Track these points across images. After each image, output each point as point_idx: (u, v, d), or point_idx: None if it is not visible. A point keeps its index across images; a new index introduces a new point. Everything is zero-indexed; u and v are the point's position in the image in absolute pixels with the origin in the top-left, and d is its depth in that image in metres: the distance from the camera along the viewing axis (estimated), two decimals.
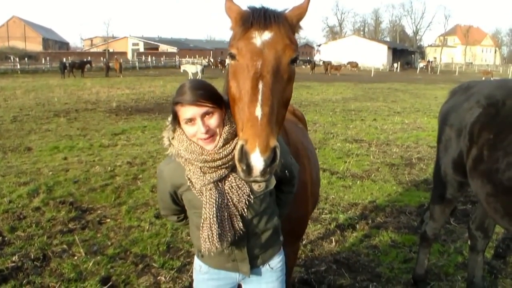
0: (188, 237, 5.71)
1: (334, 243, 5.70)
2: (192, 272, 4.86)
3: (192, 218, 2.42)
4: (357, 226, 6.25)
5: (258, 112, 1.89)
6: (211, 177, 2.17)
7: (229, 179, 2.21)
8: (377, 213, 6.80)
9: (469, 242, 4.69)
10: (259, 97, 1.92)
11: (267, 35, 2.04)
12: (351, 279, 4.87)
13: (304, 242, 5.64)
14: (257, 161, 1.82)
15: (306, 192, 2.87)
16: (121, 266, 5.04)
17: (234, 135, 2.16)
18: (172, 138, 2.26)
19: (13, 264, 5.00)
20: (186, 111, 2.13)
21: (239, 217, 2.24)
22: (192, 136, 2.17)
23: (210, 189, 2.18)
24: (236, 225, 2.23)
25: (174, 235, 5.82)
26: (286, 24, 2.11)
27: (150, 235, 5.79)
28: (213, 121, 2.14)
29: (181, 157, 2.23)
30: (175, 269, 4.97)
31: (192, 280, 4.78)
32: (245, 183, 2.20)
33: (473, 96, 3.90)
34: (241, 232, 2.25)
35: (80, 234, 5.82)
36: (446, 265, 5.18)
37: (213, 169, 2.17)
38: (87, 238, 5.72)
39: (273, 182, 2.27)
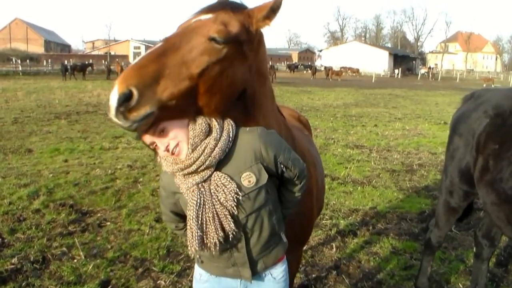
0: None
1: (334, 249, 5.68)
2: (192, 277, 4.85)
3: None
4: (358, 232, 6.23)
5: (137, 59, 2.00)
6: (193, 180, 2.15)
7: (214, 178, 2.16)
8: (378, 219, 6.78)
9: (474, 250, 4.67)
10: (150, 50, 2.03)
11: (204, 16, 2.14)
12: (351, 285, 4.85)
13: (304, 247, 5.62)
14: (111, 98, 1.87)
15: (311, 199, 2.82)
16: (121, 269, 5.02)
17: (203, 136, 2.14)
18: None
19: (13, 266, 4.97)
20: (144, 141, 2.15)
21: (229, 217, 2.15)
22: (165, 156, 2.18)
23: (193, 191, 2.15)
24: (227, 225, 2.15)
25: (174, 239, 5.79)
26: (235, 13, 2.17)
27: (150, 239, 5.77)
28: (170, 136, 2.12)
29: None
30: (175, 274, 4.95)
31: (192, 285, 4.76)
32: (231, 180, 2.16)
33: (481, 105, 3.88)
34: (234, 232, 2.17)
35: (80, 237, 5.80)
36: (447, 273, 5.16)
37: (194, 173, 2.15)
38: (87, 241, 5.71)
39: (264, 177, 2.22)
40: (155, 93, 1.94)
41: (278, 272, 2.45)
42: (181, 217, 2.44)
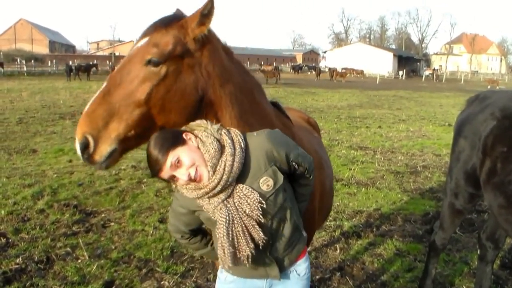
0: None
1: (338, 251, 5.67)
2: (195, 278, 4.87)
3: (214, 233, 2.36)
4: (362, 233, 6.22)
5: (86, 106, 2.17)
6: (218, 198, 2.16)
7: (236, 190, 2.18)
8: (382, 221, 6.76)
9: (478, 252, 4.64)
10: (96, 94, 2.20)
11: (140, 43, 2.22)
12: (355, 287, 4.84)
13: (308, 249, 5.60)
14: (76, 148, 2.13)
15: (313, 201, 2.78)
16: (124, 270, 5.03)
17: (219, 154, 2.15)
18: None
19: (17, 266, 4.99)
20: (163, 177, 2.18)
21: (257, 226, 2.17)
22: (185, 185, 2.19)
23: (220, 209, 2.16)
24: (256, 235, 2.18)
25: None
26: (168, 30, 2.22)
27: (154, 240, 5.78)
28: (184, 166, 2.13)
29: None
30: (179, 274, 4.95)
31: (196, 286, 4.79)
32: (252, 190, 2.17)
33: (488, 107, 3.83)
34: (264, 240, 2.19)
35: (84, 237, 5.81)
36: (451, 275, 5.14)
37: (217, 193, 2.16)
38: (91, 242, 5.71)
39: (280, 178, 2.26)
40: (111, 131, 2.11)
41: (302, 268, 2.50)
42: (192, 230, 2.46)
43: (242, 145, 2.19)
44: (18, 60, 58.64)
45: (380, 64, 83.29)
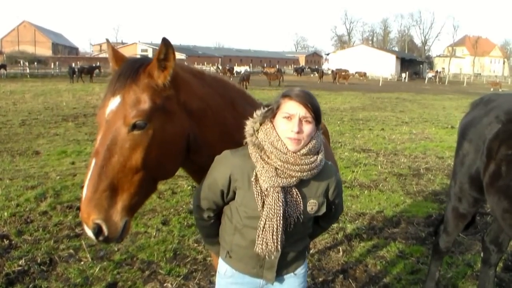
0: (195, 244, 5.70)
1: (341, 253, 5.67)
2: (198, 280, 4.87)
3: (234, 217, 2.36)
4: (365, 236, 6.22)
5: (84, 190, 2.05)
6: (281, 181, 2.17)
7: (291, 192, 2.24)
8: (385, 223, 6.76)
9: (482, 255, 4.63)
10: (88, 175, 2.06)
11: (113, 103, 2.11)
12: None
13: (311, 251, 5.61)
14: (89, 234, 2.07)
15: None
16: (127, 272, 5.03)
17: (316, 152, 2.24)
18: (257, 130, 2.27)
19: (20, 268, 4.99)
20: (291, 106, 2.18)
21: (283, 229, 2.23)
22: (282, 131, 2.19)
23: (278, 192, 2.18)
24: (279, 236, 2.24)
25: (181, 242, 5.80)
26: (138, 84, 2.13)
27: (157, 242, 5.78)
28: (307, 128, 2.19)
29: (260, 150, 2.21)
30: (182, 276, 4.95)
31: None
32: (301, 202, 2.25)
33: (492, 110, 3.81)
34: (282, 244, 2.25)
35: (87, 239, 5.79)
36: (454, 277, 5.13)
37: (287, 174, 2.18)
38: (93, 243, 5.70)
39: (323, 210, 2.37)
40: (118, 207, 2.07)
41: (299, 269, 2.56)
42: (222, 203, 2.42)
43: (322, 164, 2.28)
44: (21, 62, 58.77)
45: (383, 66, 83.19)
